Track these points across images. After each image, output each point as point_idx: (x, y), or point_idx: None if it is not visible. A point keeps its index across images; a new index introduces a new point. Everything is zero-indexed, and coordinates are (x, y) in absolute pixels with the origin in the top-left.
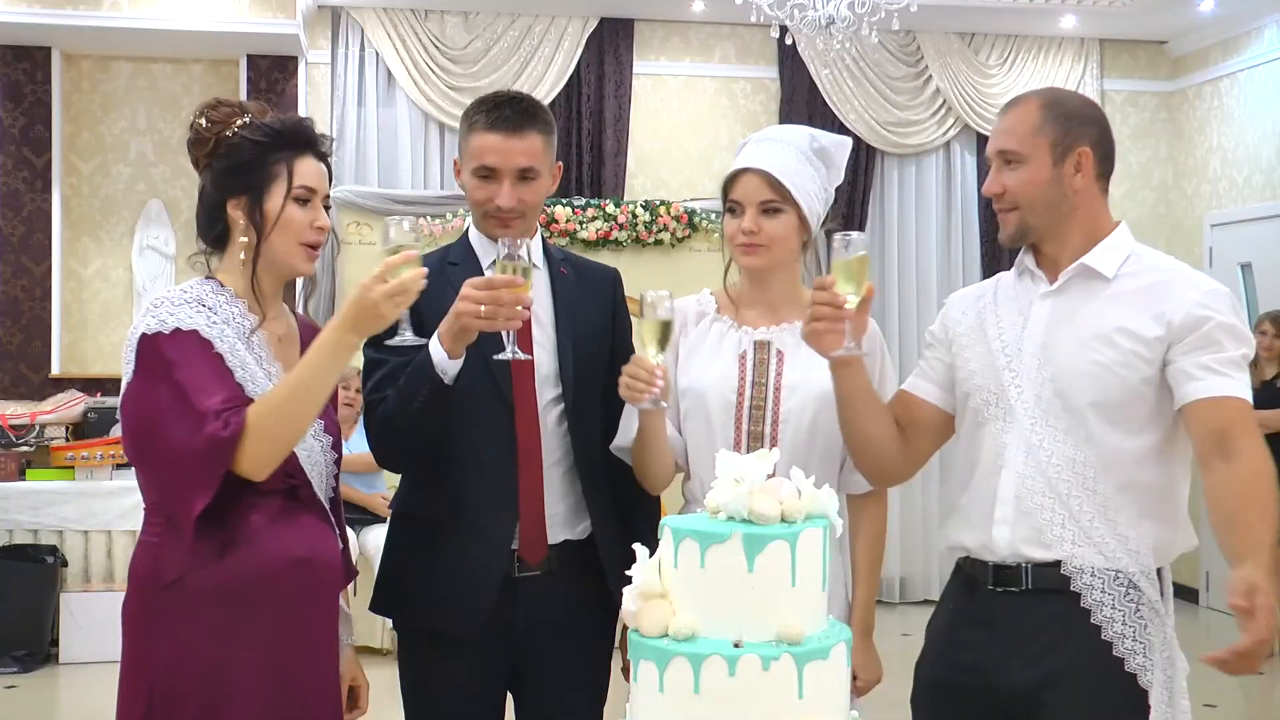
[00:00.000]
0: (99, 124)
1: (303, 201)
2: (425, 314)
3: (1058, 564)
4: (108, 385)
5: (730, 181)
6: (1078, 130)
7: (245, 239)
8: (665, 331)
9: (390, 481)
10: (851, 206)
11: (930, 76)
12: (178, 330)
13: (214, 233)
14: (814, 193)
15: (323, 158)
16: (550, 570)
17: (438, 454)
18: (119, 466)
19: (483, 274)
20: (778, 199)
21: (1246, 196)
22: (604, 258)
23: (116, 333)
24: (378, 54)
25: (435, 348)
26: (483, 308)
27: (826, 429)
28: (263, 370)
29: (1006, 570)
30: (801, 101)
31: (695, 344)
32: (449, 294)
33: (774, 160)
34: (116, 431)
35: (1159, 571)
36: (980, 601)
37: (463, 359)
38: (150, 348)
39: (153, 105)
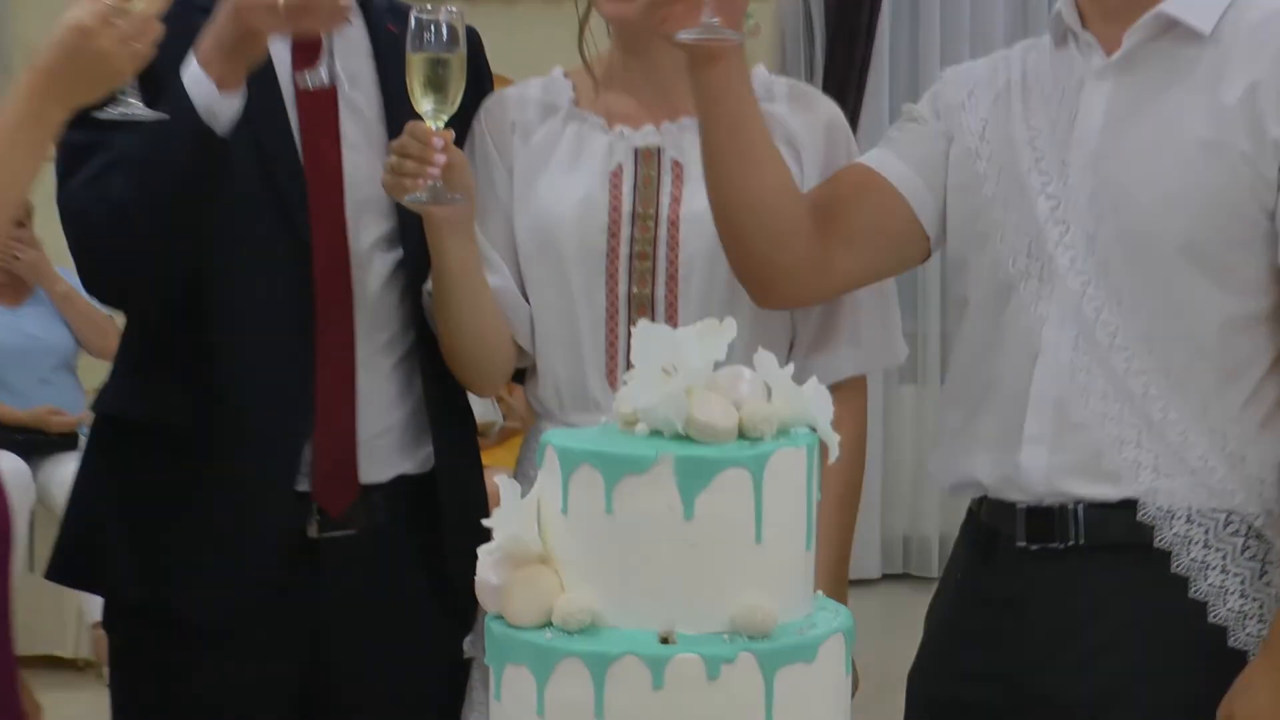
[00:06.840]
0: None
1: None
2: (163, 79)
3: (1131, 505)
4: None
5: None
6: None
7: None
8: (445, 71)
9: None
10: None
11: None
12: None
13: None
14: None
15: None
16: (370, 527)
17: (180, 315)
18: None
19: None
20: None
21: None
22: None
23: None
24: None
25: (197, 80)
26: None
27: None
28: None
29: (1045, 516)
30: None
31: (540, 154)
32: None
33: None
34: None
35: None
36: (1001, 569)
37: (242, 96)
38: None
39: None
